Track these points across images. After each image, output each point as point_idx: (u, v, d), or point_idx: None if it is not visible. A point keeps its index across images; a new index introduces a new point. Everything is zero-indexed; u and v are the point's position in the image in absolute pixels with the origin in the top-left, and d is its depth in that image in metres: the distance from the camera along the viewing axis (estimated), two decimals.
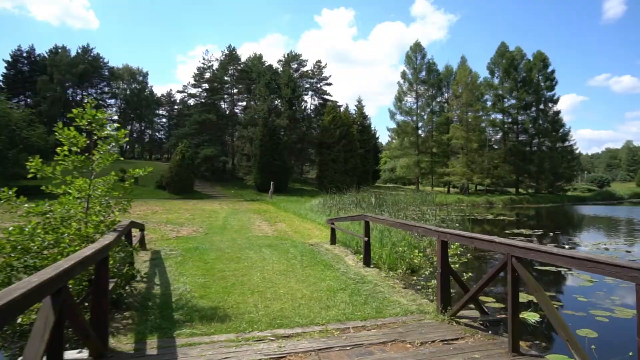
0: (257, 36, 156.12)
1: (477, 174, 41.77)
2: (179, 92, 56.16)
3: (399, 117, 48.56)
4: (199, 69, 49.79)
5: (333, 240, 8.90)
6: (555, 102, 47.94)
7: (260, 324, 3.86)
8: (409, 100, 48.68)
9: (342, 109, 49.47)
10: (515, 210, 30.88)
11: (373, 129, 55.67)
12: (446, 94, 49.71)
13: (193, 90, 51.34)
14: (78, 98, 51.00)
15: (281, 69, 50.67)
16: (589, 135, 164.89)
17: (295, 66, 52.92)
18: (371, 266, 6.57)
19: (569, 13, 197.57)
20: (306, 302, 4.56)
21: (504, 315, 4.11)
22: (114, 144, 4.89)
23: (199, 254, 7.59)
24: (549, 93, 47.65)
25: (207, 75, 49.62)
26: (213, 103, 49.13)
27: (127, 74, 59.53)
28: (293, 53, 52.88)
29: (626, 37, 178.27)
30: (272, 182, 30.93)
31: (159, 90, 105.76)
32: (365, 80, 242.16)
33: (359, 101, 50.50)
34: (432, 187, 49.55)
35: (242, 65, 50.77)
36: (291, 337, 3.52)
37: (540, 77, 47.49)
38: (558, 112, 48.25)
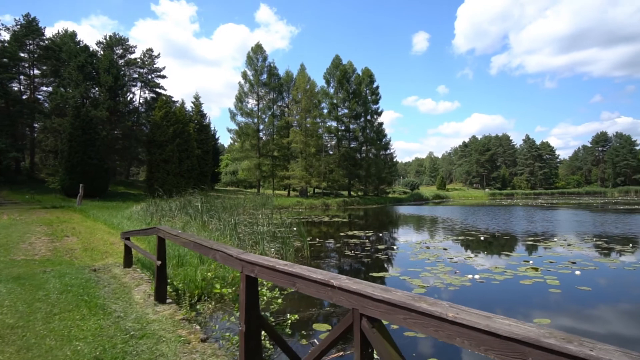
0: (78, 15, 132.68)
1: (315, 178, 43.33)
2: None
3: (240, 119, 46.97)
4: None
5: (128, 262, 6.48)
6: (380, 114, 53.88)
7: None
8: (251, 102, 47.61)
9: (177, 104, 44.96)
10: (348, 212, 32.74)
11: (213, 129, 52.50)
12: (287, 99, 50.40)
13: None
14: None
15: (102, 52, 42.99)
16: (403, 146, 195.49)
17: (120, 51, 45.77)
18: (167, 301, 4.55)
19: (389, 41, 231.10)
20: None
21: None
22: None
23: None
24: (374, 106, 53.22)
25: None
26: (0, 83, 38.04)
27: None
28: (118, 36, 45.61)
29: (429, 67, 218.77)
30: (81, 185, 25.14)
31: None
32: (208, 80, 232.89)
33: (197, 98, 46.73)
34: (274, 190, 49.49)
35: (47, 42, 40.96)
36: None
37: (367, 91, 52.65)
38: (381, 124, 54.37)
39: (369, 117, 52.64)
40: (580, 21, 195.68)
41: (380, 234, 16.06)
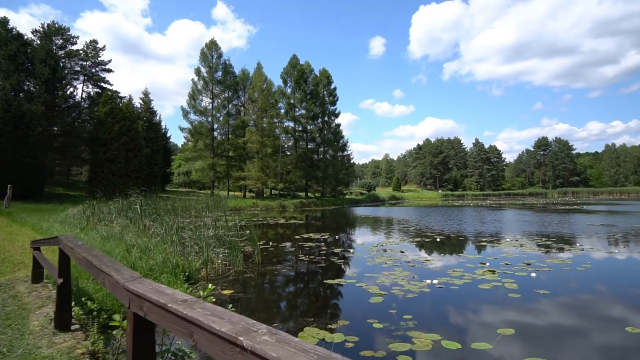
0: (15, 3, 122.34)
1: (272, 179, 42.34)
2: None
3: (193, 117, 44.93)
4: None
5: (37, 277, 5.43)
6: (337, 116, 53.79)
7: None
8: (205, 99, 45.73)
9: (125, 100, 42.26)
10: (305, 213, 32.16)
11: (164, 127, 49.92)
12: (243, 98, 48.99)
13: None
14: None
15: (38, 42, 39.47)
16: (360, 148, 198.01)
17: (60, 42, 42.30)
18: (73, 327, 3.67)
19: (346, 45, 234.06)
20: None
21: None
22: None
23: None
24: (332, 107, 53.07)
25: None
26: None
27: None
28: (57, 25, 42.13)
29: (385, 71, 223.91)
30: (9, 186, 22.63)
31: None
32: (161, 77, 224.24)
33: (146, 94, 44.16)
34: (229, 191, 47.87)
35: None
36: None
37: (325, 92, 52.40)
38: (339, 125, 54.31)
39: (326, 118, 52.41)
40: (523, 33, 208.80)
41: (337, 236, 15.61)
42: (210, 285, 4.23)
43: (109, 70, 46.01)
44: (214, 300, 6.27)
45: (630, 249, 11.25)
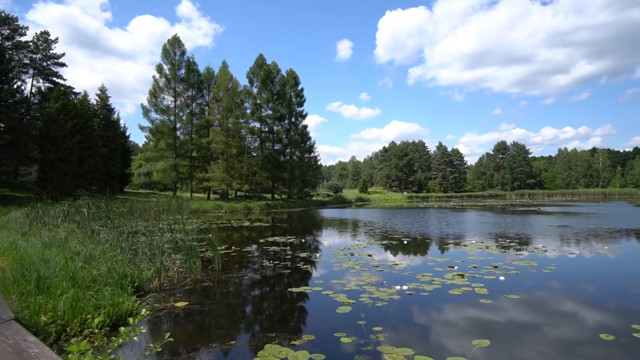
0: None
1: (237, 180, 41.29)
2: None
3: (154, 115, 43.08)
4: None
5: None
6: (304, 117, 53.41)
7: None
8: (167, 98, 43.97)
9: (80, 96, 39.90)
10: (271, 215, 31.50)
11: (123, 125, 47.61)
12: (207, 97, 47.57)
13: None
14: None
15: None
16: (327, 150, 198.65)
17: (7, 32, 39.33)
18: None
19: (314, 47, 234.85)
20: None
21: None
22: None
23: None
24: (299, 108, 52.66)
25: None
26: None
27: None
28: (3, 14, 39.14)
29: (352, 75, 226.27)
30: None
31: None
32: (122, 74, 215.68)
33: (102, 90, 41.87)
34: (192, 193, 46.29)
35: None
36: None
37: (292, 92, 51.91)
38: (306, 127, 53.95)
39: (293, 119, 51.92)
40: (483, 42, 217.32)
41: (304, 239, 15.17)
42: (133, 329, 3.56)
43: (63, 65, 43.29)
44: (166, 313, 5.65)
45: (588, 249, 11.53)
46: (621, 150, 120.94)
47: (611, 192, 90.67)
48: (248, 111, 47.77)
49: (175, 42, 43.56)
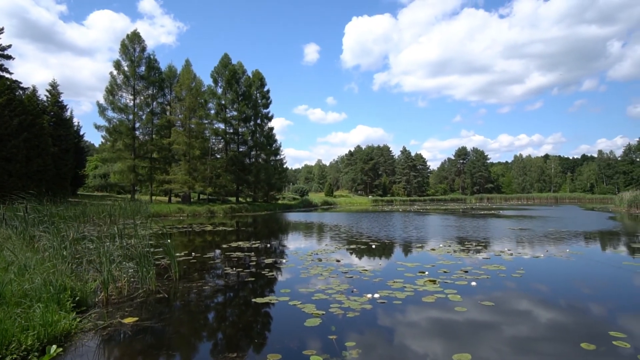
0: None
1: (200, 183, 39.82)
2: None
3: (111, 114, 40.75)
4: None
5: None
6: (270, 119, 52.60)
7: None
8: (125, 96, 41.76)
9: (28, 92, 37.14)
10: (236, 219, 30.55)
11: (77, 124, 44.88)
12: (169, 96, 45.75)
13: None
14: None
15: None
16: (293, 154, 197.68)
17: None
18: None
19: (281, 49, 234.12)
20: None
21: None
22: None
23: None
24: (265, 110, 51.81)
25: None
26: None
27: None
28: None
29: (319, 78, 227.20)
30: None
31: None
32: (78, 70, 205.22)
33: (53, 86, 39.21)
34: (152, 195, 44.21)
35: None
36: None
37: (258, 94, 50.99)
38: (272, 129, 53.10)
39: (259, 121, 50.96)
40: (445, 51, 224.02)
41: (269, 244, 14.58)
42: None
43: (8, 57, 40.13)
44: (110, 331, 4.94)
45: (551, 252, 11.72)
46: (570, 157, 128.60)
47: (562, 196, 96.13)
48: (212, 112, 46.35)
49: (135, 38, 41.58)
